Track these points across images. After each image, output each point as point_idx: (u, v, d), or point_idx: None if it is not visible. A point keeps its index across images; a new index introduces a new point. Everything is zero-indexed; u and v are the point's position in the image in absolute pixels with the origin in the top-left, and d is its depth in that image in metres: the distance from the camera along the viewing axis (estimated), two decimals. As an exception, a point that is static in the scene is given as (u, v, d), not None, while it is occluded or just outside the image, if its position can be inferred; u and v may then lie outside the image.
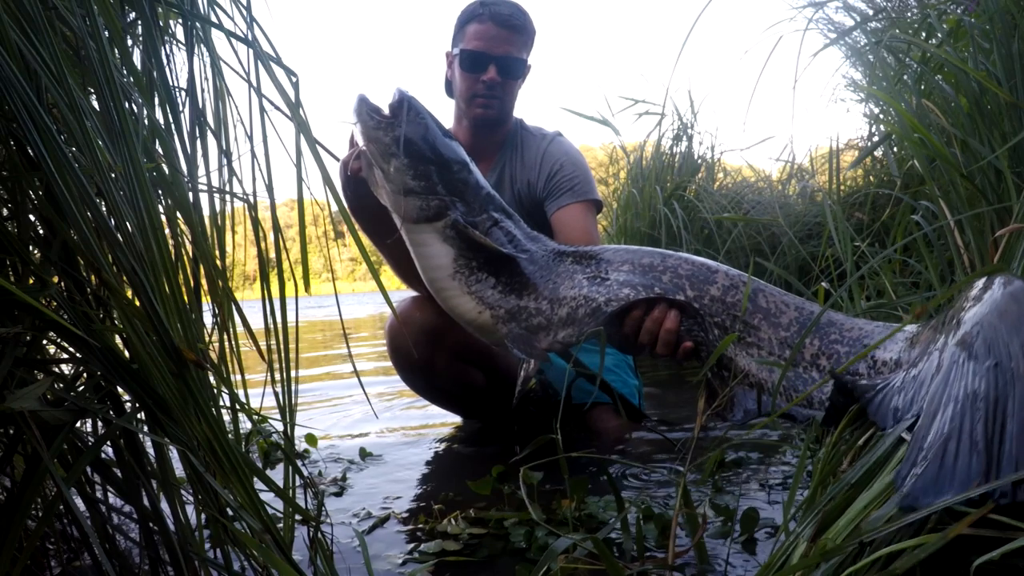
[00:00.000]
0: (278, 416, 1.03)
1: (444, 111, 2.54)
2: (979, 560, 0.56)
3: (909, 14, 2.71)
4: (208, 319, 1.05)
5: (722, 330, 1.35)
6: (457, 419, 2.50)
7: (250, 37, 1.03)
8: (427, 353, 1.99)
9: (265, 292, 1.03)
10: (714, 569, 1.13)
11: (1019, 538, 0.57)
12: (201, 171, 1.07)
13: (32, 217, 0.93)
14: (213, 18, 1.05)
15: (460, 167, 1.52)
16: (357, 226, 1.83)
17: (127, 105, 0.86)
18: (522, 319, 1.44)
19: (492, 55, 2.03)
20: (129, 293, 0.80)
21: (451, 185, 1.48)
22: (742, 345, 1.34)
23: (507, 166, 2.18)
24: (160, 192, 0.98)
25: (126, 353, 0.81)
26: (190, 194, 1.02)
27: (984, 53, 1.85)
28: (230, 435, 0.88)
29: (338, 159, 1.56)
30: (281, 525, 0.93)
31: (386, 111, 1.50)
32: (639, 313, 1.38)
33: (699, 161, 4.43)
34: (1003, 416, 0.62)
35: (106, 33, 0.88)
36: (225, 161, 1.10)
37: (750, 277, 1.36)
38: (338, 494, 1.68)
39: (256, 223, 1.12)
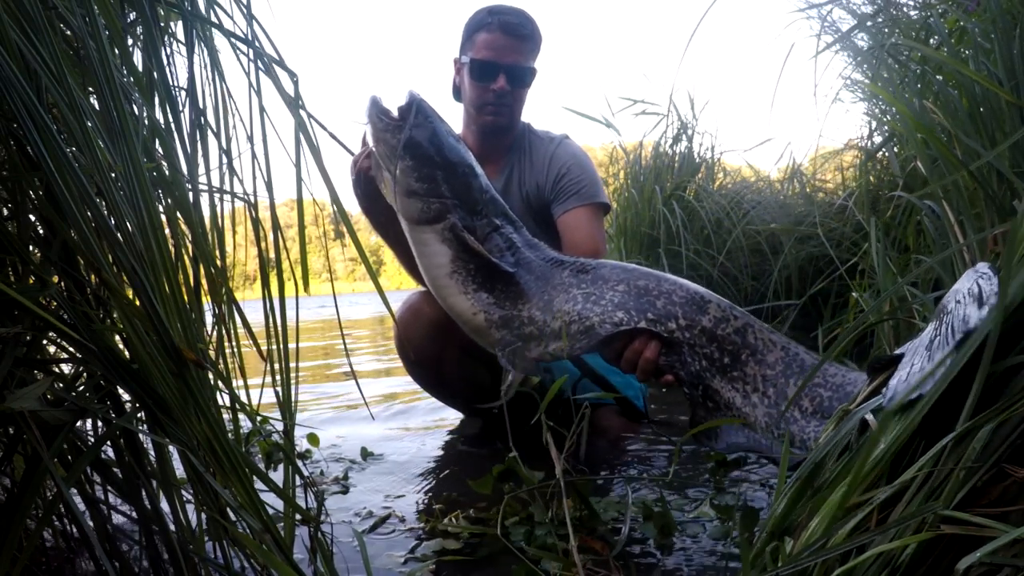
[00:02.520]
0: (280, 416, 1.03)
1: (455, 115, 2.54)
2: (964, 563, 0.57)
3: (913, 12, 2.70)
4: (208, 319, 1.05)
5: (709, 362, 1.36)
6: (459, 418, 2.50)
7: (250, 36, 1.03)
8: (435, 348, 1.99)
9: (265, 292, 1.03)
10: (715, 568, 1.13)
11: (999, 537, 0.58)
12: (201, 171, 1.07)
13: (32, 217, 0.93)
14: (213, 18, 1.05)
15: (465, 170, 1.53)
16: (369, 222, 1.85)
17: (127, 105, 0.86)
18: (515, 327, 1.45)
19: (501, 64, 2.03)
20: (129, 293, 0.80)
21: (454, 188, 1.50)
22: (728, 379, 1.35)
23: (515, 169, 2.18)
24: (160, 192, 0.98)
25: (126, 353, 0.81)
26: (190, 194, 1.02)
27: (985, 53, 1.85)
28: (230, 435, 0.88)
29: (350, 151, 1.56)
30: (281, 525, 0.92)
31: (395, 113, 1.53)
32: (620, 345, 1.40)
33: (699, 161, 4.42)
34: (941, 337, 0.86)
35: (106, 33, 0.88)
36: (225, 161, 1.10)
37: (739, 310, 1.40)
38: (340, 493, 1.68)
39: (256, 223, 1.12)
